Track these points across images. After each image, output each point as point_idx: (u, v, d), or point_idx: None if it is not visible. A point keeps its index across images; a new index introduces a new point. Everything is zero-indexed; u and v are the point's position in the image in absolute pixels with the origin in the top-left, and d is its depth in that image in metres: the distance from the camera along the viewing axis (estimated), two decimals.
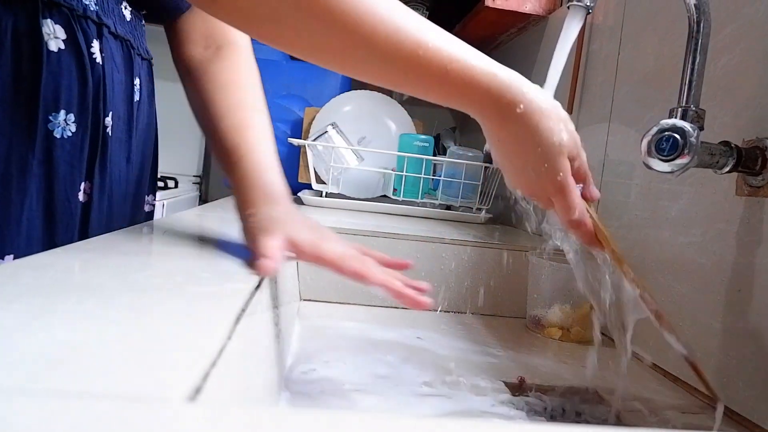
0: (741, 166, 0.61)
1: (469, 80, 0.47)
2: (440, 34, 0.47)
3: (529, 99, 0.49)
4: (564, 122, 0.51)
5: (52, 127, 0.63)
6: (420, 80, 0.47)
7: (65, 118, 0.64)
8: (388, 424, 0.22)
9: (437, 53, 0.46)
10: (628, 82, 0.93)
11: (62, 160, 0.65)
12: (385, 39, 0.44)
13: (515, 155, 0.52)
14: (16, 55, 0.60)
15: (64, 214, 0.66)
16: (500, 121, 0.49)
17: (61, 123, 0.64)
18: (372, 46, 0.44)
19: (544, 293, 0.86)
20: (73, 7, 0.64)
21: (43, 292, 0.34)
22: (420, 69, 0.46)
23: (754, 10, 0.65)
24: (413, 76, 0.47)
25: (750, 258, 0.61)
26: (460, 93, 0.48)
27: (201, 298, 0.38)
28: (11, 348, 0.25)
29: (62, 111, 0.64)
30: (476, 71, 0.48)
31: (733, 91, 0.67)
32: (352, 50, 0.45)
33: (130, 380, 0.23)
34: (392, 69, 0.46)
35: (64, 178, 0.65)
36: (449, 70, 0.46)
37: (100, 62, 0.68)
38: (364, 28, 0.44)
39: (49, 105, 0.63)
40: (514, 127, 0.49)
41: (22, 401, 0.20)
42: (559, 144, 0.50)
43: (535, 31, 1.45)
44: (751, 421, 0.59)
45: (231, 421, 0.20)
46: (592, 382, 0.68)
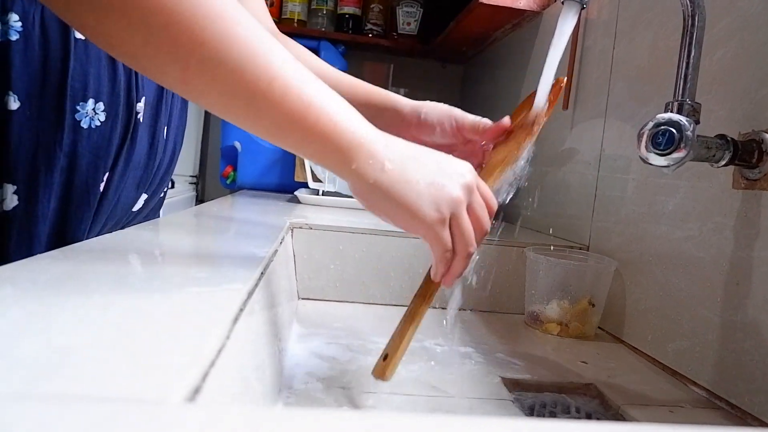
0: (737, 160, 0.61)
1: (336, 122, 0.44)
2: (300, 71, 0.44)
3: (391, 158, 0.46)
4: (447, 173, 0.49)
5: (79, 117, 0.62)
6: (270, 117, 0.42)
7: (94, 107, 0.63)
8: (387, 423, 0.22)
9: (295, 87, 0.42)
10: (624, 77, 0.93)
11: (86, 151, 0.64)
12: (233, 55, 0.40)
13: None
14: (44, 46, 0.59)
15: (80, 207, 0.65)
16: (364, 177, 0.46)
17: (89, 112, 0.63)
18: (213, 59, 0.39)
19: (542, 289, 0.86)
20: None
21: (41, 294, 0.34)
22: (271, 103, 0.42)
23: (748, 3, 0.65)
24: (260, 111, 0.42)
25: (748, 251, 0.62)
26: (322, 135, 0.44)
27: (199, 298, 0.38)
28: (10, 351, 0.25)
29: (90, 100, 0.63)
30: (342, 116, 0.45)
31: (728, 84, 0.67)
32: (187, 58, 0.39)
33: (129, 382, 0.23)
34: (235, 97, 0.41)
35: (87, 170, 0.64)
36: (311, 108, 0.43)
37: None
38: (207, 36, 0.39)
39: (77, 94, 0.62)
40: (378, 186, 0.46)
41: (21, 405, 0.20)
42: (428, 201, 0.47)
43: (530, 27, 1.45)
44: (751, 414, 0.59)
45: (230, 421, 0.20)
46: (591, 377, 0.68)
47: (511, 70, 1.58)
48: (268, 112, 0.42)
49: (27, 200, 0.60)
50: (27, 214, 0.61)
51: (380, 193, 0.46)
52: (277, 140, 0.45)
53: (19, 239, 0.61)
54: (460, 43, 1.84)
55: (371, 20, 2.00)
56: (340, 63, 1.92)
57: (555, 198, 1.16)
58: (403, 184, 0.46)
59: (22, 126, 0.59)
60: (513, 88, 1.54)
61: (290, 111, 0.42)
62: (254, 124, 0.43)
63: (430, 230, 0.48)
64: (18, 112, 0.59)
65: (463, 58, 2.08)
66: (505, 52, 1.65)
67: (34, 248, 0.62)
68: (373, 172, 0.45)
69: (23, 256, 0.62)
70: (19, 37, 0.58)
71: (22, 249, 0.61)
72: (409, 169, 0.47)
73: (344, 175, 0.46)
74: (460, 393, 0.61)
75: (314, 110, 0.43)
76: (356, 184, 0.46)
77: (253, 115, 0.42)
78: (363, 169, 0.45)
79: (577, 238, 1.02)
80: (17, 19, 0.58)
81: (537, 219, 1.24)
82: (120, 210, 0.74)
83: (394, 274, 0.94)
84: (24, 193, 0.60)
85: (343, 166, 0.45)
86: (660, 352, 0.75)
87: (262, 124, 0.43)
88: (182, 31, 0.38)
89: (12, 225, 0.60)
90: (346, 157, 0.44)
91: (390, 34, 2.02)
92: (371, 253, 0.93)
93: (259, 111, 0.42)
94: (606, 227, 0.93)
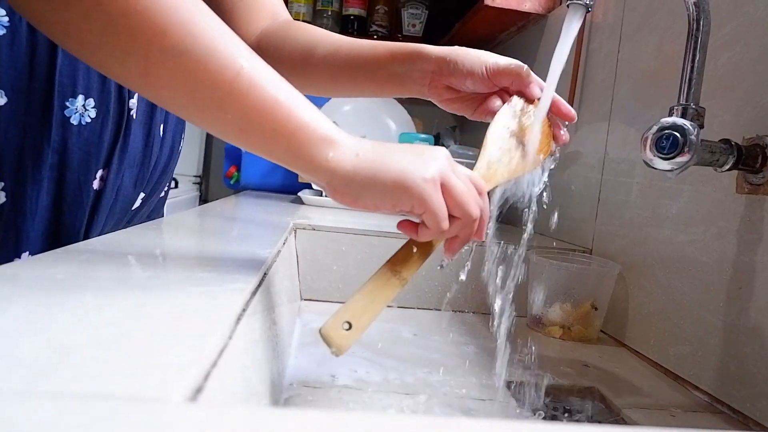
0: (741, 164, 0.61)
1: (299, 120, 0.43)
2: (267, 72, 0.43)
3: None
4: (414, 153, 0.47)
5: (68, 113, 0.62)
6: (235, 111, 0.41)
7: (83, 103, 0.62)
8: (387, 423, 0.22)
9: (263, 80, 0.41)
10: (628, 80, 0.93)
11: (77, 148, 0.63)
12: (197, 45, 0.38)
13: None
14: (31, 41, 0.59)
15: (73, 204, 0.64)
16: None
17: (79, 109, 0.62)
18: (176, 48, 0.38)
19: (545, 292, 0.86)
20: None
21: (43, 293, 0.34)
22: (237, 97, 0.40)
23: (753, 8, 0.65)
24: (225, 105, 0.40)
25: (751, 256, 0.61)
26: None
27: (202, 298, 0.38)
28: (11, 350, 0.25)
29: (80, 96, 0.62)
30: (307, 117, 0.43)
31: (733, 88, 0.67)
32: (148, 48, 0.38)
33: (130, 381, 0.23)
34: (198, 90, 0.40)
35: (78, 167, 0.63)
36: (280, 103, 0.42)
37: None
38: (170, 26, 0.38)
39: (66, 90, 0.61)
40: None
41: (22, 403, 0.20)
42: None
43: (535, 29, 1.45)
44: (752, 419, 0.59)
45: (232, 421, 0.20)
46: (593, 381, 0.68)
47: None
48: (233, 105, 0.40)
49: (14, 196, 0.60)
50: (14, 210, 0.60)
51: (361, 177, 0.44)
52: (241, 138, 0.43)
53: (6, 235, 0.60)
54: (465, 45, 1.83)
55: (376, 21, 2.00)
56: None
57: (558, 201, 1.15)
58: (381, 162, 0.45)
59: (9, 122, 0.58)
60: None
61: (258, 105, 0.41)
62: (217, 120, 0.42)
63: (423, 193, 0.44)
64: (4, 108, 0.58)
65: None
66: (510, 55, 1.64)
67: (21, 244, 0.61)
68: (350, 159, 0.44)
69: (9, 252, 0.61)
70: (5, 32, 0.57)
71: (9, 245, 0.61)
72: (384, 152, 0.46)
73: (319, 171, 0.44)
74: (462, 395, 0.61)
75: (284, 105, 0.42)
76: (334, 177, 0.45)
77: (216, 109, 0.41)
78: (339, 157, 0.44)
79: (580, 241, 1.02)
80: (4, 14, 0.57)
81: (540, 221, 1.23)
82: (119, 209, 0.73)
83: None
84: (11, 189, 0.60)
85: (319, 158, 0.43)
86: (662, 356, 0.74)
87: (227, 119, 0.41)
88: (143, 19, 0.37)
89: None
90: (321, 149, 0.43)
91: (395, 35, 2.02)
92: (374, 254, 0.93)
93: (224, 105, 0.40)
94: (609, 230, 0.93)
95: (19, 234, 0.61)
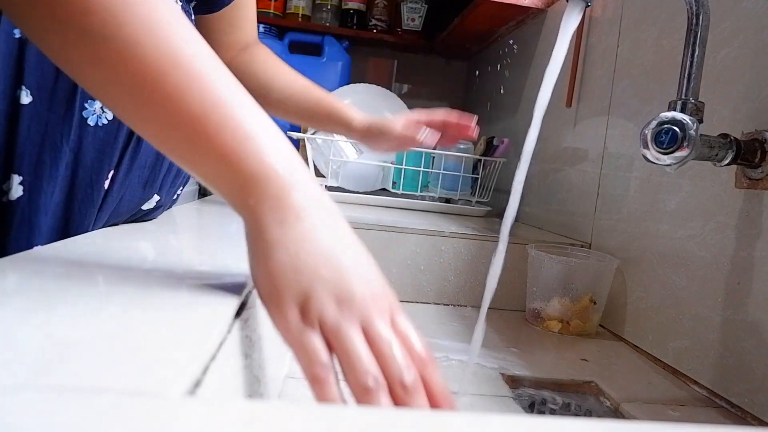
0: (740, 159, 0.61)
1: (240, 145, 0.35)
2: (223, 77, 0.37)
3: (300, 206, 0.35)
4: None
5: (86, 114, 0.62)
6: (158, 114, 0.35)
7: (101, 105, 0.63)
8: (387, 419, 0.22)
9: (199, 80, 0.35)
10: (627, 75, 0.93)
11: (92, 148, 0.63)
12: (124, 32, 0.34)
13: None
14: None
15: (84, 203, 0.65)
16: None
17: (97, 110, 0.62)
18: (98, 33, 0.34)
19: (544, 286, 0.86)
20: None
21: (43, 287, 0.34)
22: (163, 96, 0.34)
23: (753, 3, 0.65)
24: (147, 104, 0.35)
25: (749, 250, 0.62)
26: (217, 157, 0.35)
27: (201, 291, 0.38)
28: (11, 344, 0.25)
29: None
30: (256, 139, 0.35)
31: (732, 83, 0.67)
32: (67, 25, 0.34)
33: (130, 375, 0.23)
34: (119, 83, 0.35)
35: (92, 167, 0.64)
36: (212, 118, 0.35)
37: None
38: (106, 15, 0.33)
39: (87, 93, 0.62)
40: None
41: (22, 397, 0.20)
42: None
43: (534, 24, 1.45)
44: (751, 413, 0.59)
45: (230, 415, 0.20)
46: (591, 375, 0.68)
47: (515, 67, 1.57)
48: (154, 111, 0.35)
49: (31, 191, 0.61)
50: (30, 205, 0.61)
51: (264, 250, 0.35)
52: (163, 144, 0.37)
53: (20, 229, 0.61)
54: (464, 39, 1.83)
55: (376, 16, 2.00)
56: (344, 58, 1.91)
57: (557, 195, 1.15)
58: (294, 248, 0.34)
59: (32, 119, 0.59)
60: (517, 84, 1.54)
61: (187, 110, 0.34)
62: (139, 122, 0.37)
63: (283, 323, 0.33)
64: (29, 106, 0.59)
65: (467, 55, 2.07)
66: (509, 50, 1.64)
67: (34, 239, 0.62)
68: (271, 222, 0.34)
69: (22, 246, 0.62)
70: None
71: (22, 239, 0.62)
72: (314, 238, 0.35)
73: (237, 209, 0.37)
74: (461, 390, 0.61)
75: (218, 114, 0.35)
76: (247, 225, 0.36)
77: (137, 110, 0.36)
78: (261, 211, 0.35)
79: (579, 236, 1.02)
80: None
81: (539, 216, 1.24)
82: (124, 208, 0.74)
83: (396, 270, 0.94)
84: (29, 184, 0.61)
85: (237, 197, 0.36)
86: (660, 351, 0.75)
87: (149, 126, 0.36)
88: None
89: (14, 215, 0.61)
90: (244, 189, 0.35)
91: (394, 29, 2.02)
92: (373, 248, 0.93)
93: (143, 107, 0.35)
94: (608, 225, 0.93)
95: (32, 228, 0.62)
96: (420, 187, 1.37)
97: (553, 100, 0.70)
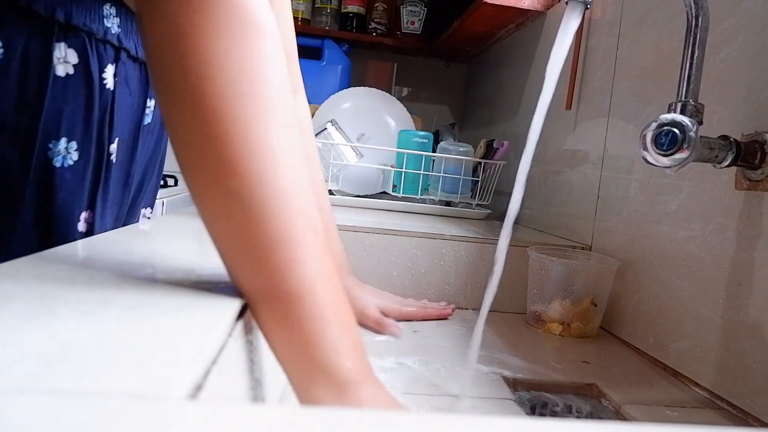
0: (740, 160, 0.61)
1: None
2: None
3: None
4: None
5: (51, 155, 0.61)
6: (263, 280, 0.38)
7: (66, 146, 0.62)
8: (388, 421, 0.22)
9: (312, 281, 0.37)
10: (627, 76, 0.93)
11: (61, 189, 0.62)
12: (262, 205, 0.36)
13: None
14: (22, 80, 0.58)
15: (61, 243, 0.65)
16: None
17: (62, 151, 0.62)
18: (237, 196, 0.36)
19: (545, 289, 0.86)
20: (92, 30, 0.62)
21: (44, 290, 0.34)
22: (271, 271, 0.37)
23: (752, 4, 0.65)
24: (257, 275, 0.38)
25: (750, 252, 0.62)
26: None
27: (202, 295, 0.38)
28: (12, 346, 0.25)
29: (63, 139, 0.62)
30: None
31: (731, 85, 0.67)
32: (212, 178, 0.36)
33: (131, 378, 0.23)
34: (238, 248, 0.37)
35: (63, 208, 0.63)
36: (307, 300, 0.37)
37: (110, 87, 0.66)
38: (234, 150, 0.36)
39: (50, 132, 0.60)
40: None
41: (23, 400, 0.20)
42: None
43: (534, 26, 1.45)
44: (752, 415, 0.59)
45: (232, 418, 0.20)
46: (592, 377, 0.68)
47: (514, 69, 1.58)
48: (256, 275, 0.37)
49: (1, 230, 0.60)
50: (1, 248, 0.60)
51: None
52: (249, 300, 0.39)
53: None
54: (463, 42, 1.84)
55: (375, 19, 2.00)
56: (344, 62, 1.92)
57: (558, 197, 1.16)
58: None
59: None
60: (516, 87, 1.54)
61: (278, 287, 0.37)
62: (235, 273, 0.39)
63: None
64: None
65: (466, 58, 2.07)
66: (509, 52, 1.65)
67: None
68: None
69: None
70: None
71: None
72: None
73: (294, 384, 0.39)
74: (462, 392, 0.61)
75: (298, 301, 0.37)
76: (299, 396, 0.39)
77: (240, 266, 0.38)
78: (322, 400, 0.37)
79: (579, 238, 1.02)
80: (0, 45, 0.57)
81: (539, 218, 1.24)
82: None
83: (396, 273, 0.94)
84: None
85: (302, 380, 0.38)
86: (661, 352, 0.75)
87: (243, 281, 0.39)
88: (220, 151, 0.35)
89: None
90: (307, 376, 0.38)
91: (394, 32, 2.02)
92: (374, 251, 0.93)
93: (247, 267, 0.38)
94: (608, 227, 0.93)
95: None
96: (420, 190, 1.37)
97: (553, 103, 0.70)
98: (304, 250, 0.38)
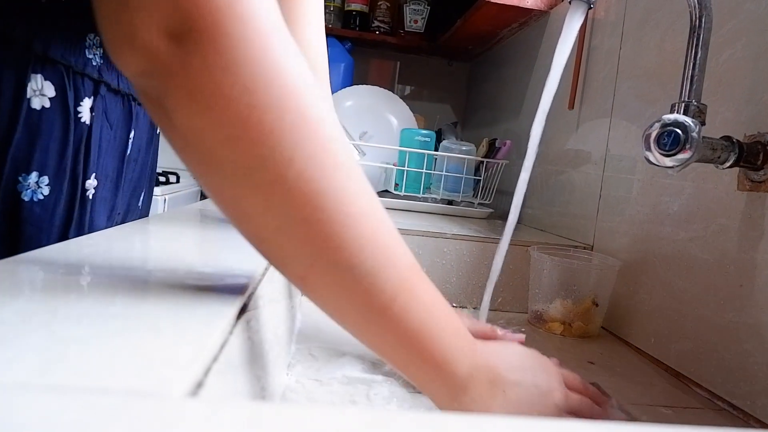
0: (742, 161, 0.61)
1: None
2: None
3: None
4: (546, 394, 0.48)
5: (20, 188, 0.60)
6: (380, 334, 0.39)
7: (37, 180, 0.61)
8: (387, 419, 0.22)
9: (415, 304, 0.38)
10: (630, 77, 0.93)
11: (28, 224, 0.61)
12: (367, 264, 0.36)
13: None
14: None
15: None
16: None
17: (32, 185, 0.60)
18: (343, 265, 0.35)
19: (546, 288, 0.86)
20: (71, 64, 0.61)
21: (44, 287, 0.35)
22: (386, 320, 0.38)
23: (755, 5, 0.65)
24: (372, 325, 0.38)
25: (752, 253, 0.61)
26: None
27: (203, 292, 0.38)
28: (13, 343, 0.25)
29: (34, 173, 0.61)
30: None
31: (734, 86, 0.67)
32: (315, 258, 0.35)
33: (132, 375, 0.23)
34: (351, 305, 0.37)
35: (29, 243, 0.62)
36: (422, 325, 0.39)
37: (87, 122, 0.64)
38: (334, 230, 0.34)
39: (20, 165, 0.59)
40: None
41: (23, 397, 0.20)
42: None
43: (537, 26, 1.45)
44: (753, 416, 0.59)
45: (232, 416, 0.20)
46: (594, 377, 0.68)
47: (517, 68, 1.57)
48: (381, 328, 0.38)
49: None
50: None
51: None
52: (381, 352, 0.40)
53: None
54: (466, 41, 1.84)
55: (378, 17, 2.00)
56: (347, 60, 1.92)
57: (560, 197, 1.15)
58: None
59: None
60: (519, 86, 1.54)
61: (404, 331, 0.38)
62: (360, 334, 0.40)
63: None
64: None
65: (469, 56, 2.07)
66: (511, 51, 1.64)
67: None
68: (471, 406, 0.42)
69: None
70: None
71: None
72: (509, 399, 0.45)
73: (439, 403, 0.42)
74: None
75: (426, 338, 0.39)
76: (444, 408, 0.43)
77: (363, 325, 0.39)
78: (465, 405, 0.42)
79: (581, 238, 1.02)
80: None
81: (541, 218, 1.24)
82: None
83: None
84: None
85: (446, 397, 0.41)
86: (663, 353, 0.74)
87: (370, 338, 0.39)
88: (321, 230, 0.34)
89: None
90: (450, 394, 0.41)
91: (397, 31, 2.02)
92: None
93: (371, 324, 0.38)
94: (610, 227, 0.93)
95: None
96: (422, 189, 1.37)
97: (556, 102, 0.70)
98: (415, 287, 0.39)
